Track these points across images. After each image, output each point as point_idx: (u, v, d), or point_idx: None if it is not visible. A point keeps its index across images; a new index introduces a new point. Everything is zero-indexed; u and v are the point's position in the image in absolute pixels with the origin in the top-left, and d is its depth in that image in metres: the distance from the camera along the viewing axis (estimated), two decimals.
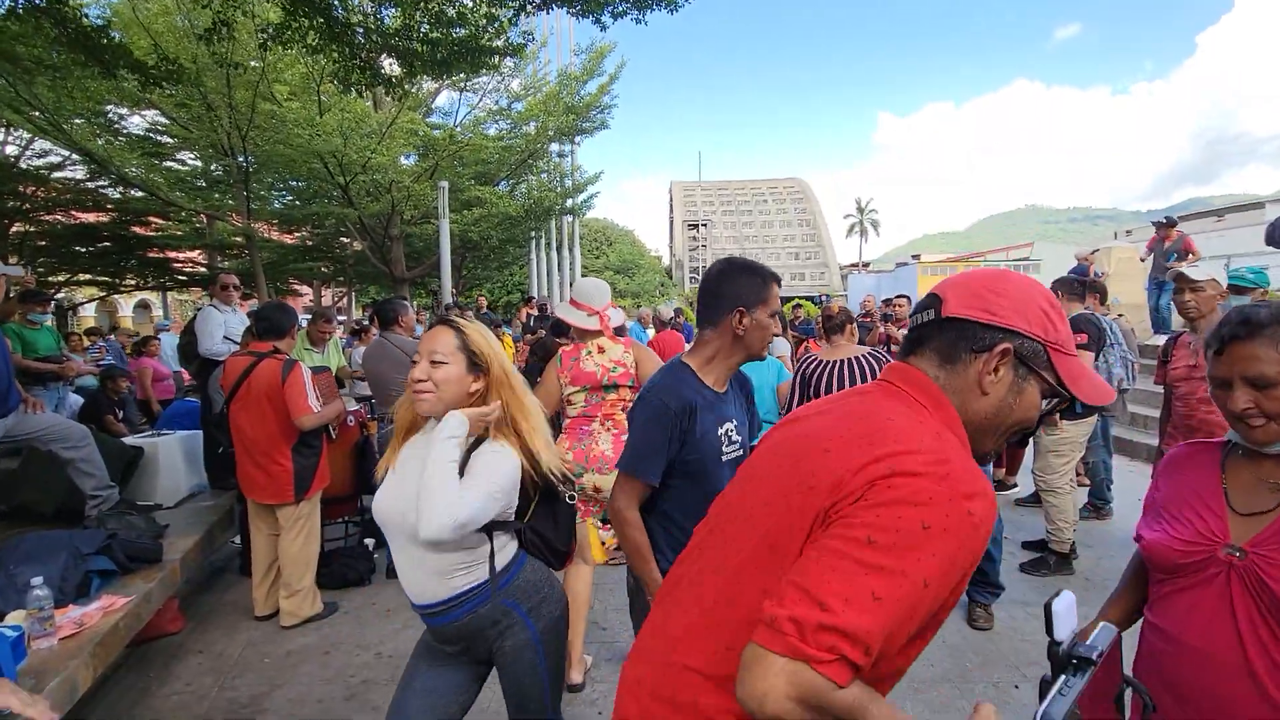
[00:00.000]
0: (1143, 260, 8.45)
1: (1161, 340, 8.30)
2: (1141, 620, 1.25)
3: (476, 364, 1.54)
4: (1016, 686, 2.71)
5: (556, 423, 2.86)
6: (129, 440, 4.25)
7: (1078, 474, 4.22)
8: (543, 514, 1.66)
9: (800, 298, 23.51)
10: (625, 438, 1.77)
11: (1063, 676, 0.84)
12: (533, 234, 18.00)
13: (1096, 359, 3.63)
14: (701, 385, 1.68)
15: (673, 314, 10.11)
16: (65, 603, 2.51)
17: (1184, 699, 1.12)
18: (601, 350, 2.66)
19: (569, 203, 16.20)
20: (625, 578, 1.89)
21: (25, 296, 4.61)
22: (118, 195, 12.29)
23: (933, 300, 0.95)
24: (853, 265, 62.33)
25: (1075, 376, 0.91)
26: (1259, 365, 1.10)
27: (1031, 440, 3.96)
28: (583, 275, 24.48)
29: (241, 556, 3.95)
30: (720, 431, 1.69)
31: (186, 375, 7.59)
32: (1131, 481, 5.35)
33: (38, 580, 2.32)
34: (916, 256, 53.59)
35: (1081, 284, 3.79)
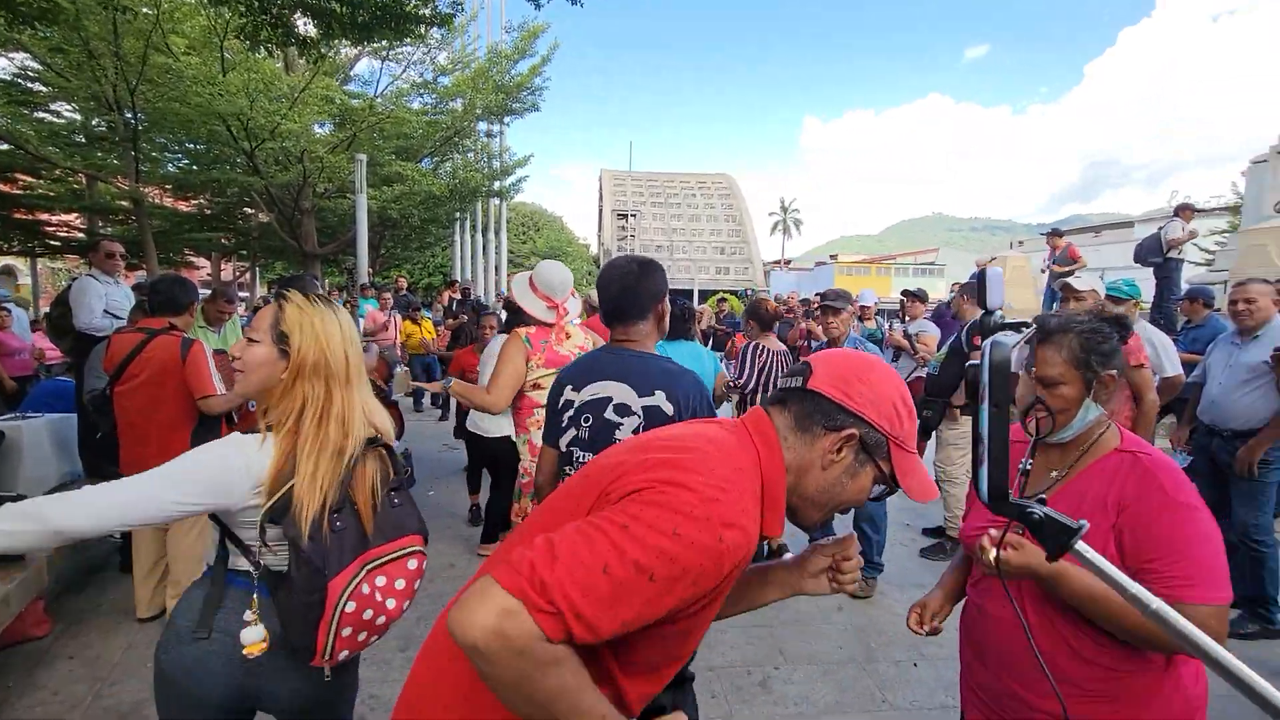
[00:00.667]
0: (1046, 269, 9.25)
1: None
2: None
3: (284, 348, 1.32)
4: (915, 665, 2.90)
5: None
6: None
7: None
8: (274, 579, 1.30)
9: (725, 292, 24.01)
10: None
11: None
12: (457, 215, 17.38)
13: None
14: None
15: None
16: None
17: (984, 658, 1.36)
18: (568, 336, 2.70)
19: (496, 185, 15.74)
20: None
21: None
22: None
23: (804, 368, 1.01)
24: (775, 262, 64.38)
25: (906, 472, 0.98)
26: (1044, 366, 1.31)
27: (934, 433, 4.24)
28: (509, 261, 23.93)
29: (121, 553, 3.61)
30: None
31: (51, 351, 6.82)
32: None
33: None
34: (834, 256, 56.15)
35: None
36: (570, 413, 1.79)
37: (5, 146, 10.09)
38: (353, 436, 1.32)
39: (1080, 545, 0.72)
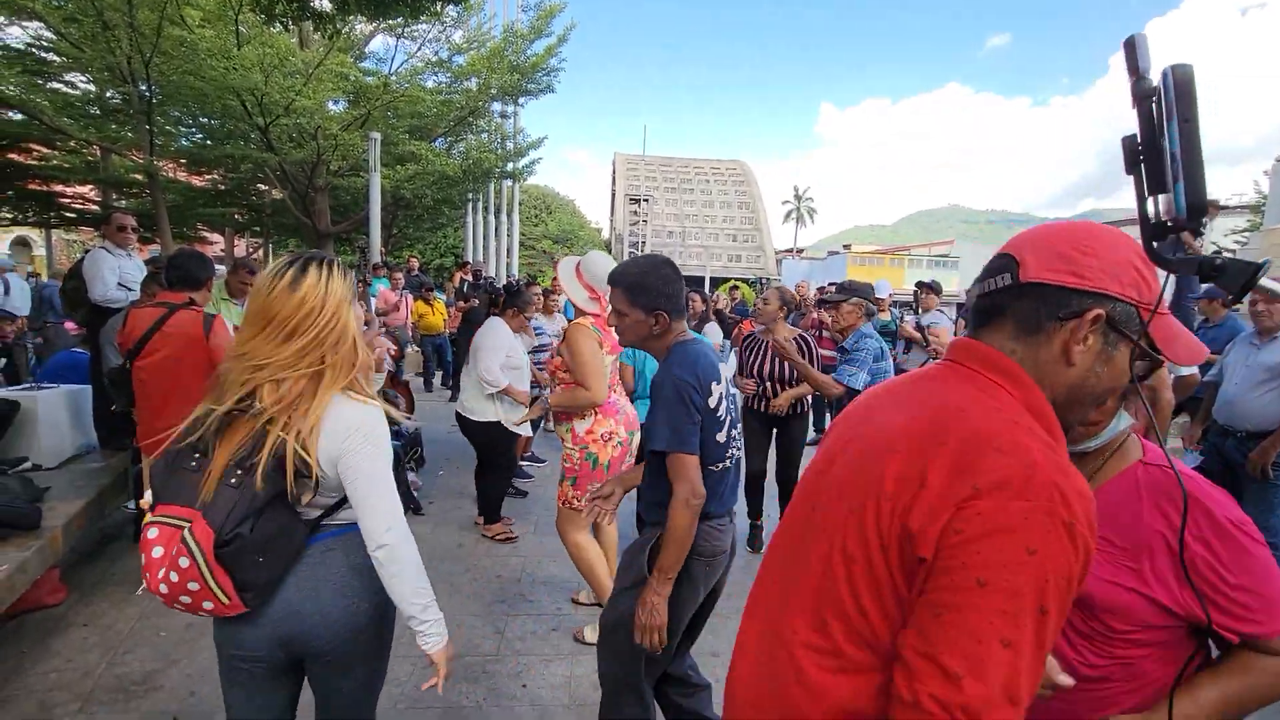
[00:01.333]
0: None
1: None
2: None
3: None
4: None
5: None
6: (2, 393, 3.82)
7: None
8: None
9: (737, 279, 23.89)
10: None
11: None
12: (470, 196, 17.31)
13: None
14: None
15: None
16: None
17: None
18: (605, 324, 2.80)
19: (510, 166, 15.63)
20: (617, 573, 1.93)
21: None
22: None
23: (1006, 262, 0.85)
24: (787, 251, 63.91)
25: (1169, 338, 0.83)
26: None
27: None
28: (521, 243, 23.84)
29: (136, 524, 3.65)
30: None
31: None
32: None
33: None
34: (847, 246, 55.59)
35: None
36: (721, 409, 1.80)
37: (19, 116, 10.11)
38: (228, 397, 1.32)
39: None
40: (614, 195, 63.73)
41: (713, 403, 1.76)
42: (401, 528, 1.35)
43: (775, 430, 4.04)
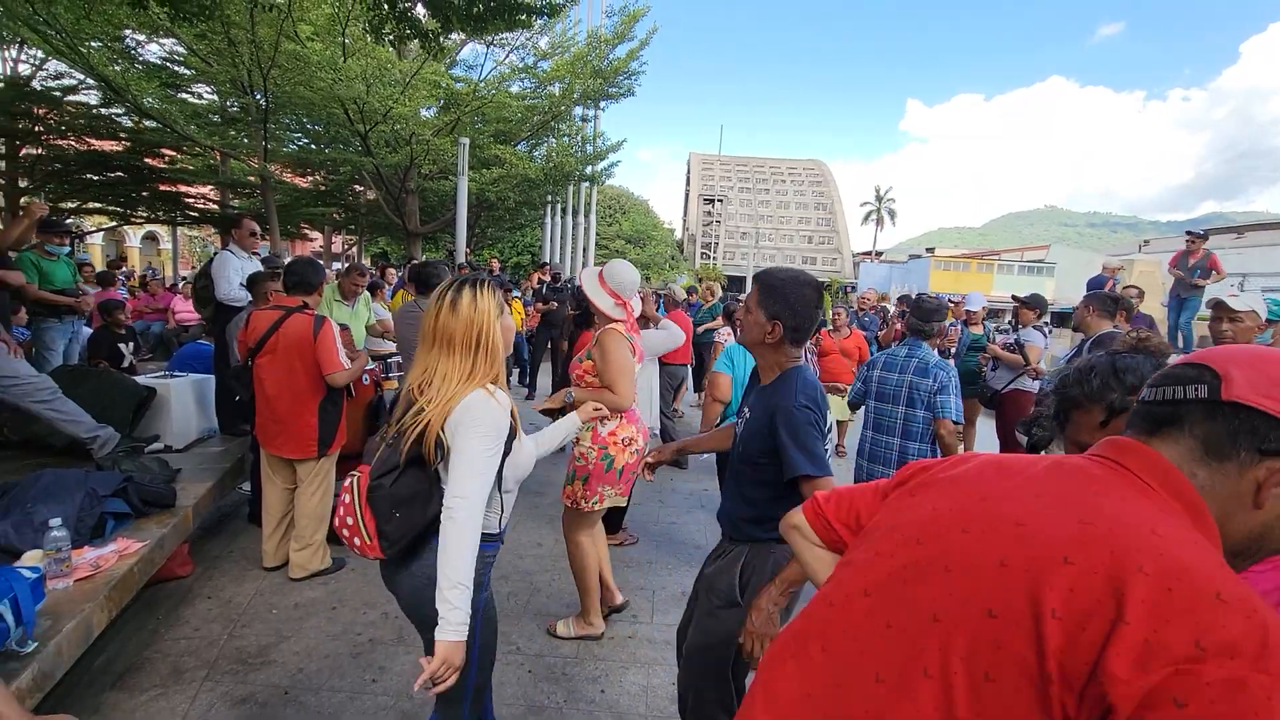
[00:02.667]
0: (1170, 273, 8.24)
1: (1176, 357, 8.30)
2: None
3: None
4: None
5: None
6: (142, 380, 4.25)
7: None
8: None
9: (820, 282, 23.33)
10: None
11: None
12: (550, 198, 17.75)
13: None
14: None
15: (686, 294, 10.02)
16: (80, 543, 2.53)
17: None
18: (635, 330, 2.90)
19: (589, 169, 15.93)
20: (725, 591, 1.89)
21: (44, 226, 4.54)
22: (130, 124, 12.07)
23: (1204, 374, 0.75)
24: (865, 253, 61.83)
25: None
26: (1080, 434, 1.00)
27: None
28: (596, 244, 24.22)
29: (251, 505, 3.98)
30: None
31: (187, 314, 7.54)
32: None
33: (56, 521, 2.33)
34: (930, 250, 53.14)
35: (1114, 300, 3.73)
36: (831, 431, 1.91)
37: (155, 125, 11.18)
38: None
39: None
40: (688, 195, 63.57)
41: (826, 426, 1.82)
42: (472, 502, 1.51)
43: None
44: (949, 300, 6.44)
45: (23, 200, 12.11)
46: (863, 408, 3.51)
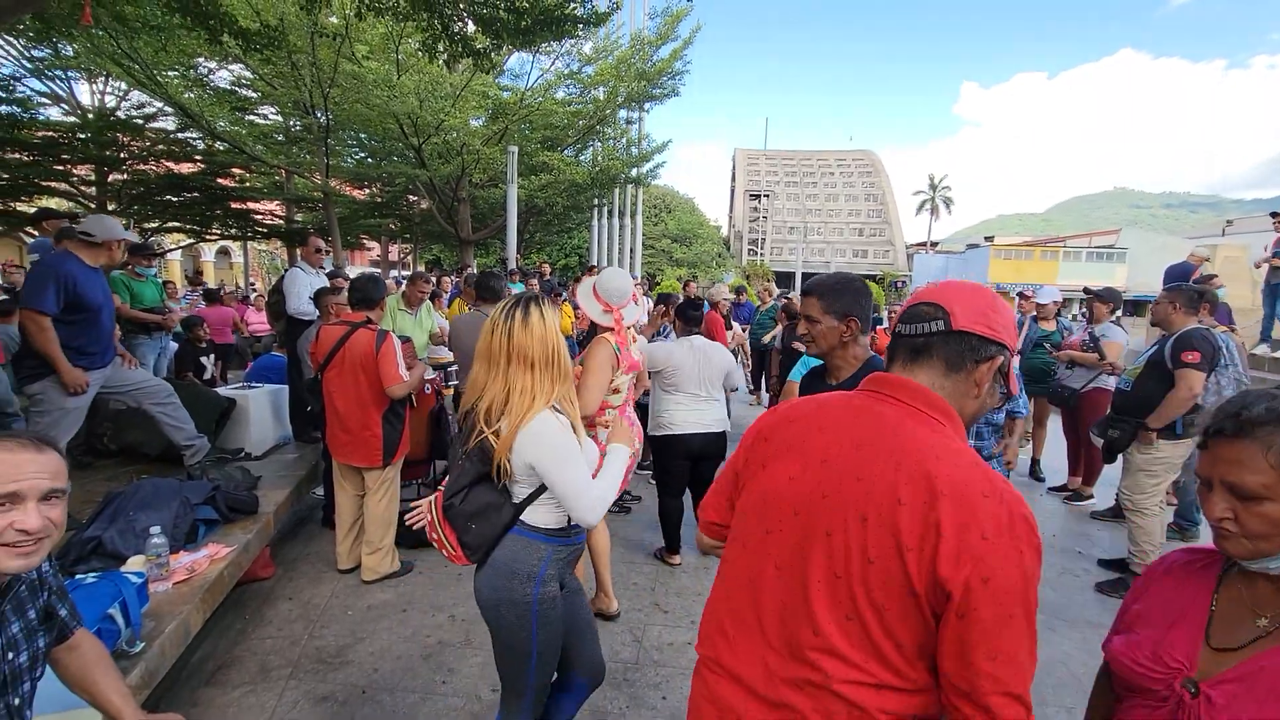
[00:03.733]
0: (1263, 263, 7.59)
1: (1266, 350, 7.66)
2: None
3: None
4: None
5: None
6: (223, 391, 4.53)
7: (1167, 494, 3.99)
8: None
9: (864, 277, 22.79)
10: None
11: None
12: (597, 201, 17.94)
13: (1207, 379, 3.38)
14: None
15: (728, 294, 9.90)
16: (176, 549, 2.72)
17: None
18: (634, 339, 3.06)
19: (634, 172, 16.02)
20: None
21: (133, 249, 4.90)
22: (203, 147, 12.85)
23: (936, 310, 1.05)
24: (920, 244, 59.87)
25: (1012, 376, 1.10)
26: (1240, 471, 0.93)
27: (1121, 456, 3.77)
28: (644, 244, 24.33)
29: (324, 510, 4.18)
30: None
31: (260, 326, 7.95)
32: None
33: (155, 529, 2.52)
34: (989, 238, 50.90)
35: (1200, 294, 3.50)
36: None
37: (225, 147, 11.87)
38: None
39: None
40: (733, 192, 63.00)
41: None
42: (587, 500, 1.64)
43: None
44: (1018, 293, 6.12)
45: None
46: None
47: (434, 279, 8.14)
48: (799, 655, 0.99)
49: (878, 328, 8.09)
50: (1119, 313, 5.14)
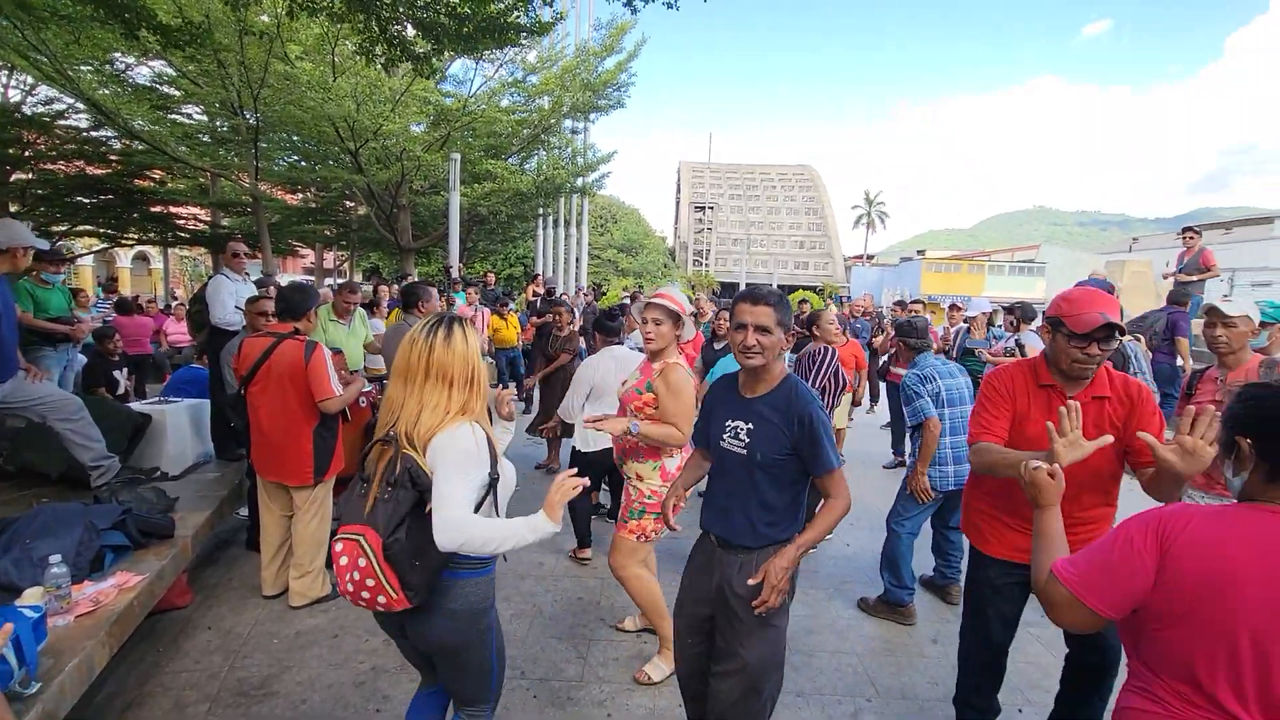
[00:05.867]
0: (1169, 275, 8.20)
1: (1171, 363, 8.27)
2: None
3: None
4: (1020, 710, 2.75)
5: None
6: (136, 407, 4.22)
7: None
8: None
9: (803, 288, 23.40)
10: None
11: None
12: (542, 210, 17.81)
13: None
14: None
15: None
16: (80, 578, 2.51)
17: None
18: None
19: (580, 181, 15.99)
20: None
21: (40, 255, 4.52)
22: (119, 147, 12.05)
23: None
24: (857, 257, 62.10)
25: None
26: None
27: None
28: (590, 253, 24.30)
29: (249, 532, 3.95)
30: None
31: (179, 337, 7.50)
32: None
33: (55, 558, 2.31)
34: (921, 252, 53.40)
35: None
36: None
37: (144, 147, 11.16)
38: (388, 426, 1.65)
39: None
40: (679, 203, 63.82)
41: None
42: (448, 516, 1.53)
43: None
44: (950, 305, 6.45)
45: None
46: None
47: (372, 287, 7.87)
48: None
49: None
50: (1037, 321, 5.46)
